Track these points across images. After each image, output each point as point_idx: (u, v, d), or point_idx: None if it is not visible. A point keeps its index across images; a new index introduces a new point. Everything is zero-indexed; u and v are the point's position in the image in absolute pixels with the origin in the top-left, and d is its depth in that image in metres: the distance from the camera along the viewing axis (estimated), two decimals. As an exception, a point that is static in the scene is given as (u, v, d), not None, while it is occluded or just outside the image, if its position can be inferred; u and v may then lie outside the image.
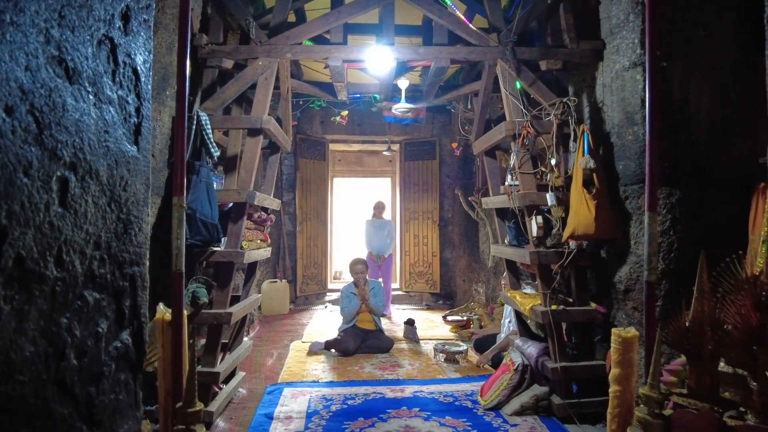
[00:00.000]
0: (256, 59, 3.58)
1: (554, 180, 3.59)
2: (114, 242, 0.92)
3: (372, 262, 6.70)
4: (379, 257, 6.80)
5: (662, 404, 1.67)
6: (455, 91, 4.66)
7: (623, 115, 3.34)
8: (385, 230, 6.93)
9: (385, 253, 6.86)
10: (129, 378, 0.99)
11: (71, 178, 0.78)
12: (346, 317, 5.21)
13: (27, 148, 0.67)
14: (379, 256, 6.82)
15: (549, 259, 3.49)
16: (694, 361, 1.75)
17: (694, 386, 1.75)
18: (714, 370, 1.72)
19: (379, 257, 6.80)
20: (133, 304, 0.99)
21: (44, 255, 0.72)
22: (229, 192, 3.50)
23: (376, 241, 6.89)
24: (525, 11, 3.59)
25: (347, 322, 5.22)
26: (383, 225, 6.97)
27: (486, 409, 3.60)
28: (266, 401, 3.80)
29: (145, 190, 1.03)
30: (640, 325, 3.24)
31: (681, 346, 1.77)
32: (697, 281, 1.76)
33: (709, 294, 1.74)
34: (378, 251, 6.85)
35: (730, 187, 3.16)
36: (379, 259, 6.80)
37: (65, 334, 0.77)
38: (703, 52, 3.19)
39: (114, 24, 0.91)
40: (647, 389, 1.70)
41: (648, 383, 1.70)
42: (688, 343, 1.74)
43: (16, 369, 0.65)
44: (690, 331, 1.74)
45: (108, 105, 0.89)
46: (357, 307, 5.21)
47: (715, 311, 1.71)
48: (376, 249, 6.87)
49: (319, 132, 7.52)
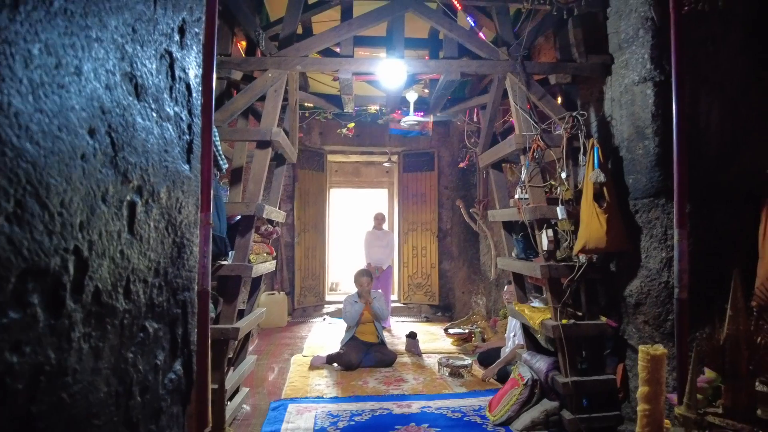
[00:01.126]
0: (266, 71, 3.54)
1: (564, 193, 3.58)
2: (170, 268, 0.86)
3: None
4: (377, 268, 6.74)
5: (701, 425, 1.64)
6: (462, 104, 4.66)
7: (633, 129, 3.35)
8: (385, 241, 6.90)
9: (384, 265, 6.82)
10: (180, 411, 0.93)
11: (138, 201, 0.73)
12: (349, 321, 5.16)
13: (105, 172, 0.62)
14: (378, 268, 6.76)
15: (560, 273, 3.47)
16: (730, 380, 1.73)
17: (730, 405, 1.73)
18: (751, 389, 1.70)
19: (377, 268, 6.74)
20: (185, 331, 0.94)
21: (116, 286, 0.67)
22: (237, 205, 3.44)
23: (375, 252, 6.85)
24: (534, 26, 3.60)
25: (349, 327, 5.16)
26: (383, 236, 6.95)
27: (495, 425, 3.55)
28: (271, 418, 3.72)
29: (195, 211, 0.98)
30: (651, 339, 3.24)
31: (716, 365, 1.75)
32: (731, 298, 1.75)
33: (744, 311, 1.72)
34: (377, 262, 6.80)
35: (739, 200, 3.18)
36: (377, 270, 6.73)
37: (131, 370, 0.72)
38: (711, 67, 3.22)
39: (173, 38, 0.87)
40: (684, 409, 1.67)
41: (685, 403, 1.67)
42: (723, 362, 1.72)
43: (93, 412, 0.60)
44: (726, 348, 1.72)
45: (167, 122, 0.85)
46: (360, 310, 5.15)
47: (750, 329, 1.69)
48: (375, 260, 6.83)
49: (317, 143, 7.48)
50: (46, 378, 0.51)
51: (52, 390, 0.52)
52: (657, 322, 3.14)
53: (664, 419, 1.98)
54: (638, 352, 3.18)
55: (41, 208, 0.49)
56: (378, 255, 6.82)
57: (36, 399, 0.49)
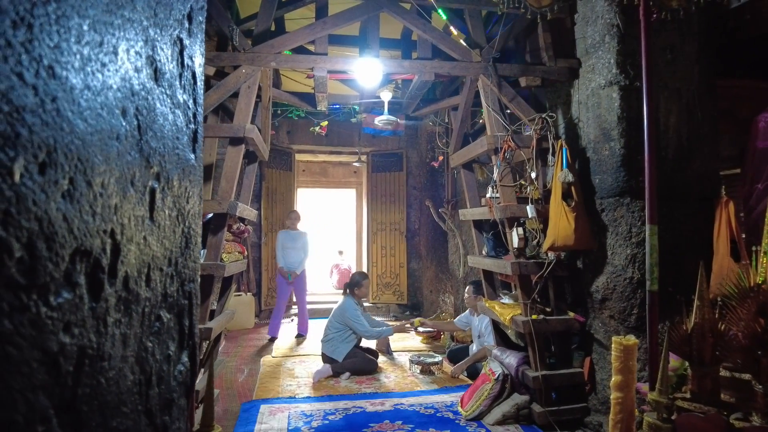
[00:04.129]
0: (239, 67, 3.48)
1: (533, 193, 3.70)
2: (180, 257, 0.85)
3: (282, 280, 6.14)
4: (290, 273, 6.09)
5: (671, 409, 1.73)
6: (434, 105, 4.73)
7: (599, 131, 3.49)
8: (300, 242, 6.24)
9: (298, 269, 6.15)
10: (185, 404, 0.91)
11: (157, 187, 0.72)
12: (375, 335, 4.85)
13: (133, 155, 0.61)
14: (291, 272, 6.09)
15: (529, 270, 3.58)
16: (697, 366, 1.84)
17: (697, 390, 1.84)
18: (716, 374, 1.81)
19: (290, 273, 6.09)
20: (191, 323, 0.93)
21: (140, 273, 0.65)
22: (210, 203, 3.36)
23: (289, 255, 6.15)
24: (506, 29, 3.70)
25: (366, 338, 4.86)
26: (298, 237, 6.27)
27: (468, 420, 3.62)
28: (243, 419, 3.66)
29: (199, 202, 0.97)
30: (616, 333, 3.38)
31: (683, 352, 1.85)
32: (698, 290, 1.86)
33: (709, 302, 1.84)
34: (290, 266, 6.12)
35: (695, 201, 3.38)
36: (290, 275, 6.08)
37: (150, 359, 0.71)
38: (670, 74, 3.40)
39: (184, 24, 0.86)
40: (656, 395, 1.77)
41: (657, 388, 1.76)
42: (690, 349, 1.82)
43: (122, 399, 0.59)
44: (692, 337, 1.82)
45: (178, 110, 0.83)
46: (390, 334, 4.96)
47: (715, 318, 1.81)
48: (289, 264, 6.13)
49: (285, 141, 7.40)
50: (89, 361, 0.50)
51: (93, 374, 0.51)
52: (622, 316, 3.28)
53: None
54: (605, 346, 3.32)
55: (87, 187, 0.48)
56: (292, 258, 6.14)
57: (81, 382, 0.48)
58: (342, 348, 4.69)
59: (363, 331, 4.75)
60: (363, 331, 4.75)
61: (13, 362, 0.37)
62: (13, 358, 0.37)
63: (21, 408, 0.37)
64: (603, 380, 3.39)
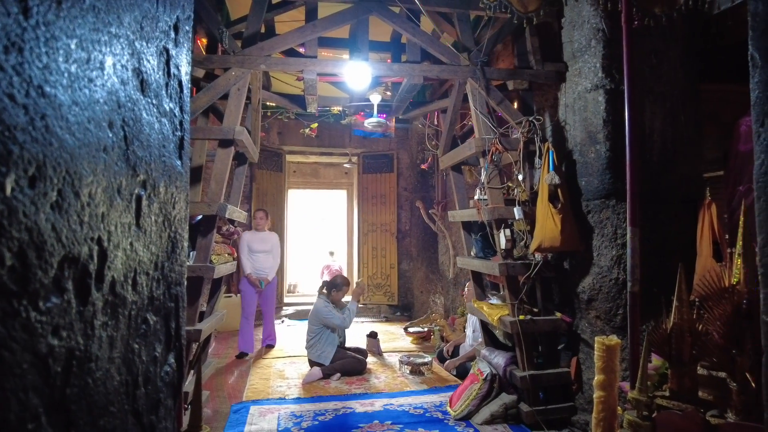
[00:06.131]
0: (229, 69, 3.50)
1: (521, 195, 3.74)
2: (166, 262, 0.87)
3: (249, 288, 5.32)
4: (261, 280, 5.30)
5: (651, 407, 1.78)
6: (424, 107, 4.77)
7: (585, 134, 3.55)
8: (269, 245, 5.43)
9: (270, 275, 5.39)
10: (173, 404, 0.94)
11: (143, 195, 0.74)
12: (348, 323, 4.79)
13: (120, 165, 0.64)
14: (263, 279, 5.32)
15: (517, 271, 3.62)
16: (676, 365, 1.89)
17: (676, 388, 1.89)
18: (693, 373, 1.86)
19: (261, 280, 5.30)
20: (177, 325, 0.95)
21: (127, 277, 0.68)
22: (199, 204, 3.38)
23: (258, 259, 5.31)
24: (494, 33, 3.75)
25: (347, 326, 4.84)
26: (267, 238, 5.44)
27: (456, 420, 3.65)
28: (233, 420, 3.67)
29: (185, 207, 0.99)
30: (602, 333, 3.44)
31: (663, 351, 1.90)
32: (677, 291, 1.91)
33: (687, 302, 1.89)
34: (260, 272, 5.32)
35: (679, 203, 3.44)
36: (262, 282, 5.32)
37: (137, 360, 0.73)
38: (655, 78, 3.46)
39: (170, 35, 0.88)
40: (636, 393, 1.81)
41: (637, 387, 1.81)
42: (670, 348, 1.87)
43: (110, 400, 0.61)
44: (672, 337, 1.87)
45: (164, 118, 0.86)
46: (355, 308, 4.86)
47: (693, 318, 1.86)
48: (258, 269, 5.31)
49: (276, 143, 7.41)
50: (77, 363, 0.52)
51: (81, 375, 0.53)
52: (608, 316, 3.34)
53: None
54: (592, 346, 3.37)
55: (75, 197, 0.51)
56: (261, 262, 5.32)
57: (69, 382, 0.51)
58: (327, 351, 4.69)
59: (340, 323, 4.72)
60: (340, 323, 4.72)
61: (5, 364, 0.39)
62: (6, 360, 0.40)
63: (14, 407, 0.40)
64: (590, 380, 3.45)
